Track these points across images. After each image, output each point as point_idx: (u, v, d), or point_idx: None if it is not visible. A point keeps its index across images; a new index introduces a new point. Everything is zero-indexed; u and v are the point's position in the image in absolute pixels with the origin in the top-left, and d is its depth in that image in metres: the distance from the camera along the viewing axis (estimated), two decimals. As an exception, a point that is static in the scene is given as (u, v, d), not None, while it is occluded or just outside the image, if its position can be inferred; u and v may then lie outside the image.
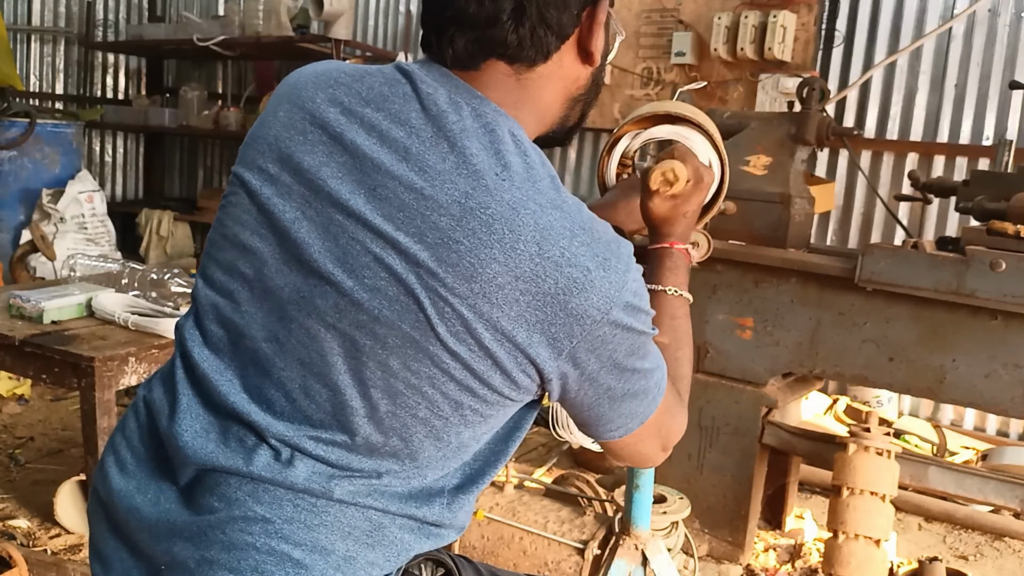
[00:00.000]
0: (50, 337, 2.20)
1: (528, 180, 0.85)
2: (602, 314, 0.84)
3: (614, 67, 4.21)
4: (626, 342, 0.88)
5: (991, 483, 2.32)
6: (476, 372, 0.85)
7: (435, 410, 0.87)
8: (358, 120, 0.88)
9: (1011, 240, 2.17)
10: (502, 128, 0.88)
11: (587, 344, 0.86)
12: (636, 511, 1.74)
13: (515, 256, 0.82)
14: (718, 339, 2.61)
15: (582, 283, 0.83)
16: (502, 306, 0.83)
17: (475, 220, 0.83)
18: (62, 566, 2.29)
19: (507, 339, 0.84)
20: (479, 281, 0.82)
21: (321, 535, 0.88)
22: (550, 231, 0.83)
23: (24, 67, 5.71)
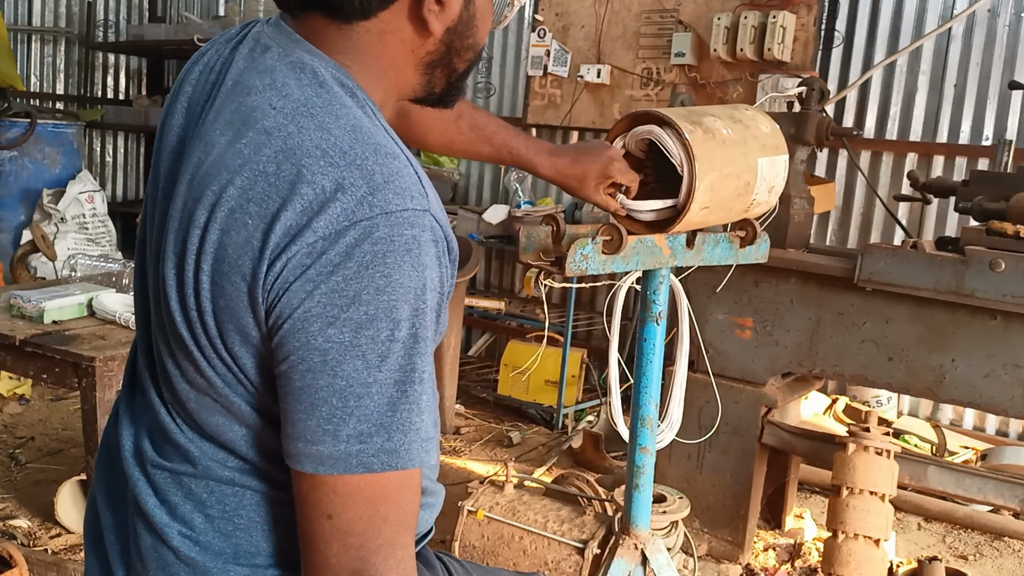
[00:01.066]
0: (51, 337, 2.20)
1: (306, 107, 0.80)
2: (319, 238, 0.74)
3: (614, 67, 4.21)
4: (338, 293, 0.74)
5: (990, 483, 2.32)
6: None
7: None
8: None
9: (1010, 240, 2.17)
10: (309, 65, 0.84)
11: (293, 270, 0.74)
12: (636, 511, 1.74)
13: (254, 174, 0.77)
14: (718, 339, 2.61)
15: (310, 201, 0.74)
16: (234, 228, 0.77)
17: (230, 147, 0.80)
18: (62, 566, 2.29)
19: (232, 277, 0.77)
20: (222, 204, 0.78)
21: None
22: (297, 150, 0.77)
23: (25, 67, 5.72)
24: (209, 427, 0.86)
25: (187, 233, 0.81)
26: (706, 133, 1.30)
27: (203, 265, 0.79)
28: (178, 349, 0.84)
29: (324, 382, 0.75)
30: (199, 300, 0.80)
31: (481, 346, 4.79)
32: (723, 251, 1.55)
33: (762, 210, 1.52)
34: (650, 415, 1.66)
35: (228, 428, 0.85)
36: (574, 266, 1.29)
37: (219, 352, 0.81)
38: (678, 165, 1.27)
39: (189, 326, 0.82)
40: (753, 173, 1.39)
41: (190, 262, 0.80)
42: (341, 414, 0.75)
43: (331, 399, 0.75)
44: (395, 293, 0.75)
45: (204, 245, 0.79)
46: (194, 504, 0.87)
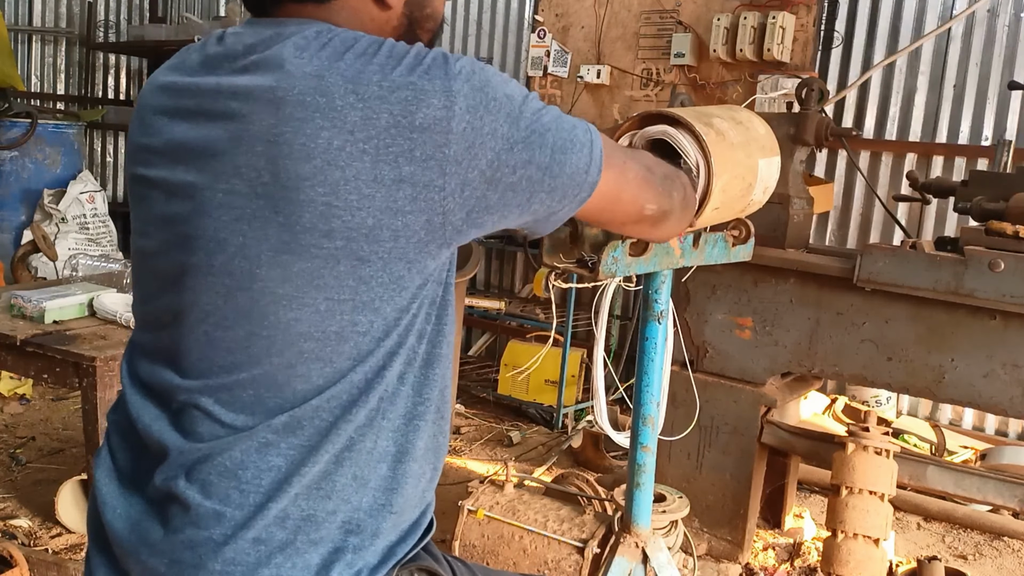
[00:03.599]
0: (51, 337, 2.20)
1: (328, 48, 0.85)
2: (449, 110, 0.82)
3: (613, 68, 4.22)
4: (502, 112, 0.85)
5: (990, 482, 2.33)
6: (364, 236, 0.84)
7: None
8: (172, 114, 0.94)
9: (1010, 240, 2.18)
10: (303, 30, 0.89)
11: (462, 143, 0.83)
12: (637, 509, 1.75)
13: (338, 112, 0.81)
14: (717, 339, 2.61)
15: (414, 98, 0.82)
16: (352, 164, 0.81)
17: (288, 105, 0.82)
18: (63, 565, 2.29)
19: (377, 186, 0.82)
20: (319, 155, 0.81)
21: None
22: (360, 75, 0.83)
23: (25, 68, 5.72)
24: (275, 389, 0.88)
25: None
26: (718, 135, 1.31)
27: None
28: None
29: (553, 147, 0.90)
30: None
31: (481, 346, 4.79)
32: (720, 250, 1.56)
33: (754, 209, 1.53)
34: (651, 414, 1.67)
35: (306, 377, 0.87)
36: (607, 269, 1.30)
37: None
38: (694, 166, 1.27)
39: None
40: (754, 174, 1.40)
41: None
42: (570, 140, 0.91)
43: (567, 141, 0.91)
44: (507, 77, 0.91)
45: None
46: (228, 479, 0.88)
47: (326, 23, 0.91)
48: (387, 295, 0.86)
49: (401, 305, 0.88)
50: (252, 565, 0.87)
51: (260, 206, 0.84)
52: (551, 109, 0.90)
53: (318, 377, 0.87)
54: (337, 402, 0.88)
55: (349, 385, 0.88)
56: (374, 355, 0.88)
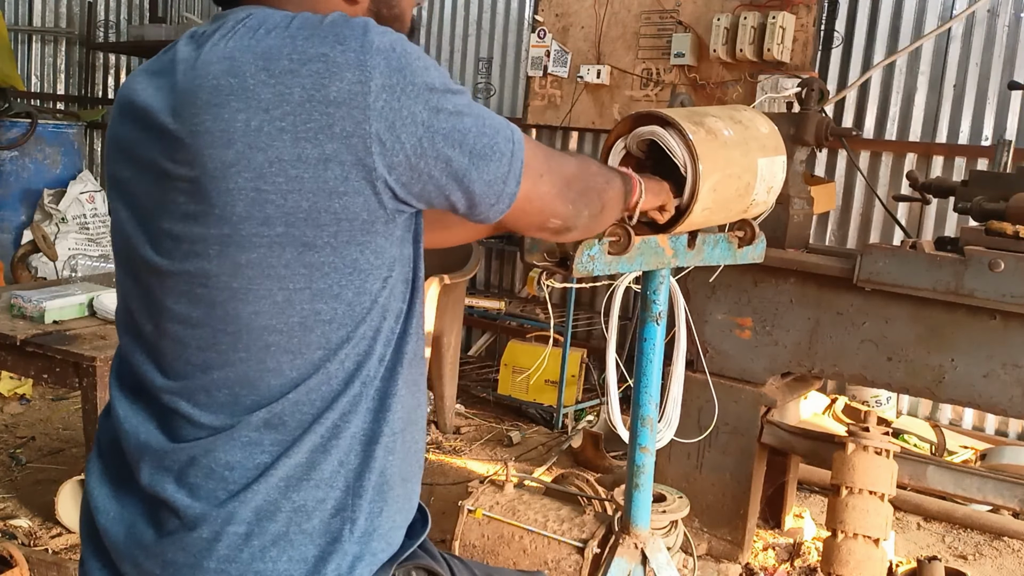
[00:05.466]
0: (51, 337, 2.21)
1: (243, 28, 0.84)
2: (364, 85, 0.80)
3: (613, 68, 4.22)
4: (420, 100, 0.83)
5: (990, 482, 2.33)
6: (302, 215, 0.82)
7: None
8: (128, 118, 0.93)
9: (1010, 240, 2.18)
10: (237, 15, 0.88)
11: (382, 122, 0.81)
12: (636, 510, 1.74)
13: (250, 91, 0.80)
14: (717, 339, 2.61)
15: (326, 70, 0.79)
16: (273, 144, 0.79)
17: (204, 92, 0.81)
18: (63, 565, 2.29)
19: (304, 166, 0.80)
20: (239, 138, 0.80)
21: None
22: (270, 51, 0.81)
23: (25, 67, 5.72)
24: (252, 379, 0.87)
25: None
26: (708, 134, 1.30)
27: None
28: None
29: (471, 141, 0.88)
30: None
31: (481, 346, 4.79)
32: (722, 251, 1.56)
33: (760, 210, 1.52)
34: (650, 415, 1.66)
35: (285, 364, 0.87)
36: (581, 267, 1.29)
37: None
38: (681, 166, 1.27)
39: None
40: (753, 174, 1.40)
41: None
42: (490, 140, 0.89)
43: (482, 142, 0.88)
44: (429, 60, 0.88)
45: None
46: (215, 480, 0.88)
47: (271, 8, 0.89)
48: (345, 280, 0.85)
49: (365, 289, 0.87)
50: (247, 561, 0.87)
51: (198, 200, 0.83)
52: (473, 107, 0.88)
53: (290, 370, 0.87)
54: (317, 394, 0.88)
55: (327, 376, 0.88)
56: (350, 342, 0.88)
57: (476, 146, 0.86)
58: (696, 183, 1.26)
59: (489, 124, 0.88)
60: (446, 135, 0.84)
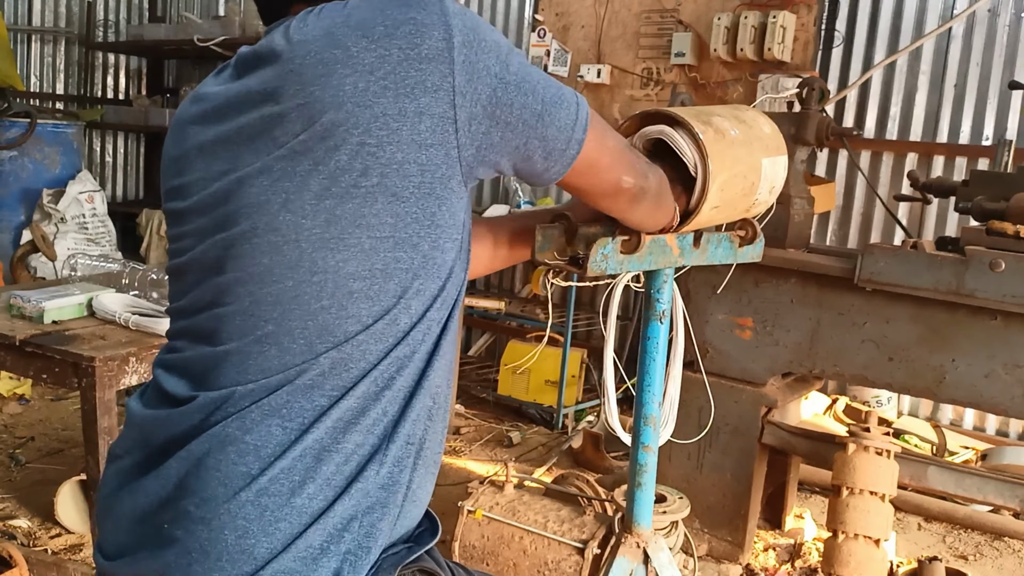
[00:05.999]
0: (51, 337, 2.20)
1: (324, 12, 0.91)
2: (448, 42, 0.88)
3: (614, 67, 4.21)
4: (492, 53, 0.91)
5: (991, 483, 2.32)
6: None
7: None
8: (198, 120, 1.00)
9: (1010, 240, 2.17)
10: (322, 5, 0.94)
11: (463, 75, 0.88)
12: (638, 509, 1.74)
13: (355, 57, 0.87)
14: (718, 339, 2.61)
15: (416, 30, 0.87)
16: (378, 102, 0.87)
17: (308, 67, 0.88)
18: (63, 566, 2.29)
19: (403, 119, 0.88)
20: (348, 99, 0.87)
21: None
22: (364, 20, 0.88)
23: (24, 67, 5.71)
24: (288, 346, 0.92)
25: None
26: (717, 133, 1.30)
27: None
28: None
29: (542, 89, 0.95)
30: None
31: (481, 346, 4.79)
32: (724, 250, 1.55)
33: (761, 210, 1.52)
34: (653, 414, 1.66)
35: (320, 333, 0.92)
36: (595, 265, 1.29)
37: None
38: (691, 165, 1.27)
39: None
40: (757, 173, 1.39)
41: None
42: (557, 95, 0.96)
43: (551, 92, 0.96)
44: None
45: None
46: (272, 417, 0.93)
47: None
48: (423, 231, 0.92)
49: (439, 244, 0.94)
50: (285, 495, 0.90)
51: (298, 161, 0.89)
52: (536, 68, 0.96)
53: (367, 316, 0.92)
54: (382, 341, 0.92)
55: (394, 324, 0.93)
56: (420, 295, 0.94)
57: (546, 94, 0.95)
58: (706, 182, 1.26)
59: (553, 80, 0.98)
60: (518, 85, 0.92)
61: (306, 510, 0.90)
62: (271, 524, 0.90)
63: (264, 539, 0.89)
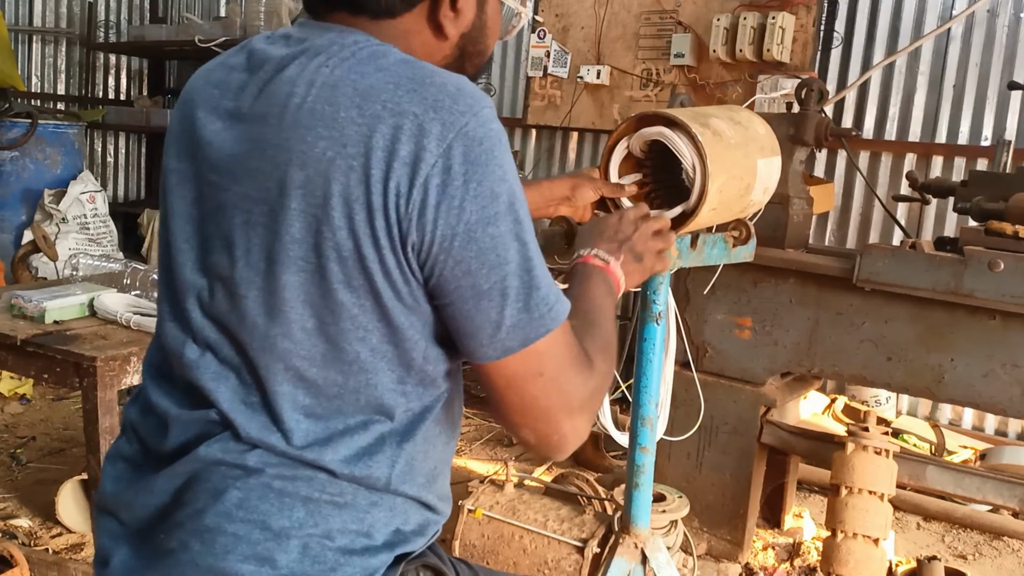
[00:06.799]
0: (52, 337, 2.20)
1: (352, 59, 0.86)
2: (435, 159, 0.80)
3: (613, 68, 4.22)
4: (479, 200, 0.81)
5: (990, 482, 2.33)
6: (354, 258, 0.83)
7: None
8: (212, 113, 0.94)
9: (1009, 240, 2.18)
10: (343, 38, 0.89)
11: (431, 200, 0.80)
12: (636, 510, 1.75)
13: (338, 125, 0.81)
14: (717, 339, 2.62)
15: (409, 128, 0.80)
16: (339, 179, 0.81)
17: (301, 112, 0.84)
18: (64, 565, 2.30)
19: (358, 206, 0.81)
20: (312, 164, 0.82)
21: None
22: (371, 90, 0.82)
23: (26, 68, 5.72)
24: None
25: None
26: (715, 135, 1.31)
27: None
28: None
29: (502, 271, 0.83)
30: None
31: (481, 346, 4.79)
32: (719, 251, 1.56)
33: (755, 210, 1.53)
34: (650, 415, 1.67)
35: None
36: None
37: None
38: (690, 167, 1.27)
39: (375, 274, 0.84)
40: (753, 175, 1.40)
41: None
42: (525, 289, 0.84)
43: (513, 282, 0.83)
44: (510, 174, 0.85)
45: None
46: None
47: (368, 35, 0.91)
48: (372, 325, 0.86)
49: (377, 347, 0.87)
50: (265, 511, 0.88)
51: (260, 211, 0.85)
52: (527, 243, 0.85)
53: (328, 382, 0.89)
54: (356, 406, 0.90)
55: (353, 399, 0.89)
56: (376, 375, 0.89)
57: (503, 282, 0.84)
58: (705, 184, 1.27)
59: (535, 277, 0.85)
60: (480, 252, 0.82)
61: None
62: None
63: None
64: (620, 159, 1.37)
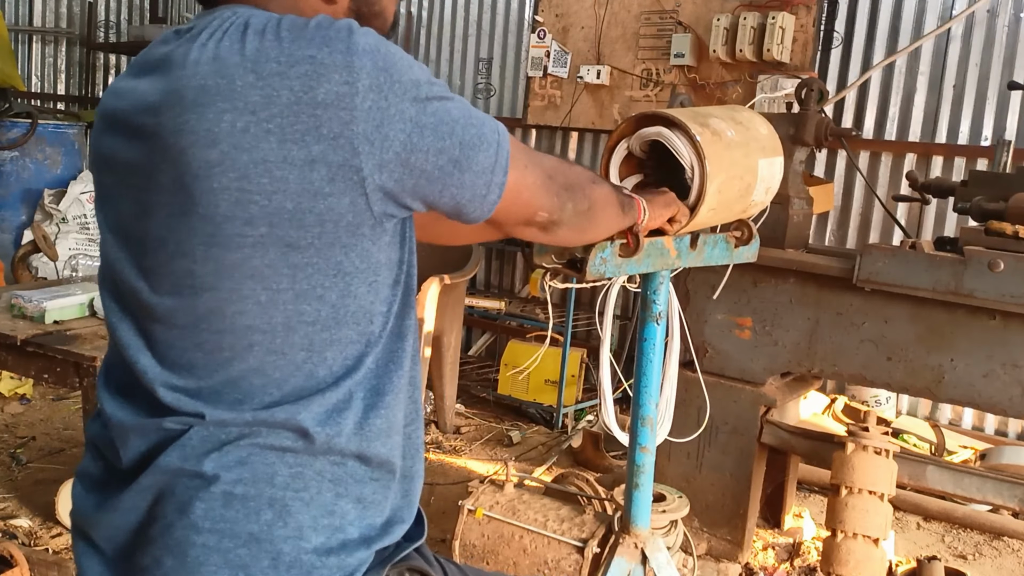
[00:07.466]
0: (52, 337, 2.21)
1: (231, 31, 0.84)
2: (352, 86, 0.80)
3: (613, 68, 4.22)
4: (407, 96, 0.83)
5: (989, 482, 2.33)
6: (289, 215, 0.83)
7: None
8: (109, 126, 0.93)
9: (1009, 240, 2.18)
10: (223, 14, 0.88)
11: (369, 122, 0.81)
12: (636, 510, 1.75)
13: (238, 92, 0.80)
14: (717, 339, 2.62)
15: (314, 72, 0.80)
16: (259, 146, 0.80)
17: (190, 92, 0.82)
18: (63, 565, 2.30)
19: (289, 167, 0.81)
20: (224, 139, 0.80)
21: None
22: (259, 53, 0.81)
23: (26, 68, 5.73)
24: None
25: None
26: (714, 135, 1.30)
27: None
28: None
29: (455, 139, 0.88)
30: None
31: (481, 346, 4.79)
32: (721, 251, 1.56)
33: (757, 210, 1.53)
34: (650, 415, 1.67)
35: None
36: (594, 269, 1.29)
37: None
38: (688, 167, 1.27)
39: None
40: (754, 175, 1.40)
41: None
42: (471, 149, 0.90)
43: (469, 148, 0.89)
44: (408, 57, 0.88)
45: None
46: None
47: (255, 8, 0.89)
48: (329, 282, 0.86)
49: (350, 291, 0.88)
50: (233, 519, 0.87)
51: (182, 199, 0.83)
52: (457, 100, 0.89)
53: (273, 370, 0.87)
54: (302, 397, 0.88)
55: (311, 378, 0.88)
56: (335, 345, 0.88)
57: (464, 136, 0.88)
58: (703, 184, 1.27)
59: (475, 116, 0.90)
60: (435, 128, 0.85)
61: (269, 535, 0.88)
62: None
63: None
64: (620, 159, 1.37)
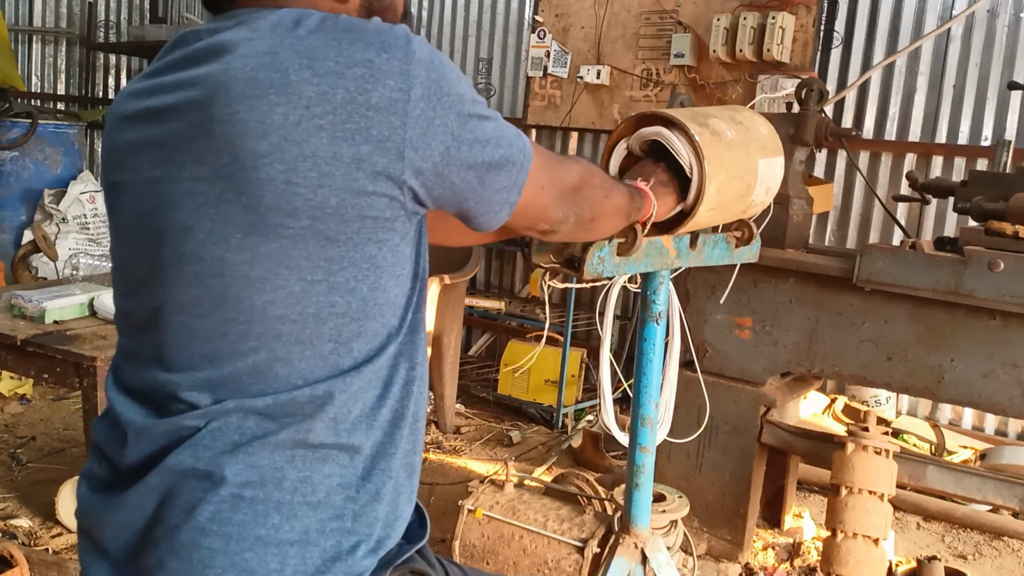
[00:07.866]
0: (52, 337, 2.21)
1: (280, 25, 0.85)
2: (405, 93, 0.83)
3: (613, 68, 4.22)
4: (453, 110, 0.87)
5: (989, 482, 2.33)
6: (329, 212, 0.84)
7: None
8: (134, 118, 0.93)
9: (1009, 240, 2.18)
10: (254, 15, 0.89)
11: (416, 129, 0.84)
12: (636, 510, 1.75)
13: (292, 86, 0.82)
14: (717, 339, 2.62)
15: (370, 76, 0.82)
16: (309, 140, 0.81)
17: (240, 84, 0.83)
18: (63, 565, 2.30)
19: (337, 164, 0.82)
20: (275, 130, 0.81)
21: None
22: (316, 50, 0.83)
23: (26, 68, 5.73)
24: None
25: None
26: (713, 135, 1.30)
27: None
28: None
29: (501, 151, 0.92)
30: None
31: (481, 346, 4.79)
32: (721, 251, 1.56)
33: (758, 211, 1.53)
34: (650, 415, 1.67)
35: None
36: (592, 269, 1.29)
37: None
38: (687, 167, 1.27)
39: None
40: (754, 175, 1.40)
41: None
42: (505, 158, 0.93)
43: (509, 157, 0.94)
44: (458, 71, 0.92)
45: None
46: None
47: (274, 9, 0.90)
48: (361, 275, 0.87)
49: (380, 284, 0.89)
50: (243, 522, 0.87)
51: (223, 188, 0.83)
52: (493, 119, 0.92)
53: (299, 360, 0.87)
54: (324, 386, 0.88)
55: (337, 369, 0.89)
56: (361, 337, 0.89)
57: (493, 156, 0.91)
58: (702, 184, 1.27)
59: (505, 136, 0.93)
60: (470, 144, 0.88)
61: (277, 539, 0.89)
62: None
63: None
64: (620, 159, 1.37)
